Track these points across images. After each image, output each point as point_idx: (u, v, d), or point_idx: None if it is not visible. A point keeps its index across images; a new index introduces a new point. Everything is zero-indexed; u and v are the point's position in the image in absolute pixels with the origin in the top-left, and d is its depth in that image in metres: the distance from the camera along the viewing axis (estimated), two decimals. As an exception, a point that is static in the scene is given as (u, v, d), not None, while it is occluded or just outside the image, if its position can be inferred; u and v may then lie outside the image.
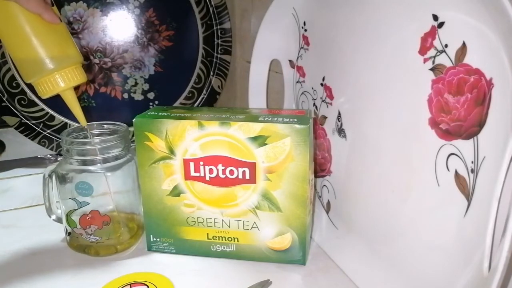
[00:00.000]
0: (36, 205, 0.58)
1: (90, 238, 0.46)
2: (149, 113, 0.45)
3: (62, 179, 0.45)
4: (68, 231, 0.47)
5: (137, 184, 0.47)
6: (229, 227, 0.45)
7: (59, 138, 0.63)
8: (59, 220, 0.49)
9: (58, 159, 0.71)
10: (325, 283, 0.43)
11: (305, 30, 0.51)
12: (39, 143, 0.72)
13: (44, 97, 0.43)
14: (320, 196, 0.52)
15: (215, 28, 0.80)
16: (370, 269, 0.41)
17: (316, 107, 0.50)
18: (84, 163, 0.45)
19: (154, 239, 0.48)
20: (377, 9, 0.37)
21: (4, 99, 0.69)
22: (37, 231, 0.52)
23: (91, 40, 0.74)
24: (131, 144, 0.48)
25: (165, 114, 0.45)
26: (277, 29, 0.56)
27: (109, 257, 0.47)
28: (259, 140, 0.42)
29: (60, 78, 0.42)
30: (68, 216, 0.46)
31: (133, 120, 0.44)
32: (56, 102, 0.73)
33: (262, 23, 0.57)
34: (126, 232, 0.48)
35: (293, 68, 0.55)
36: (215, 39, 0.80)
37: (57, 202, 0.48)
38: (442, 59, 0.31)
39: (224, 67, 0.82)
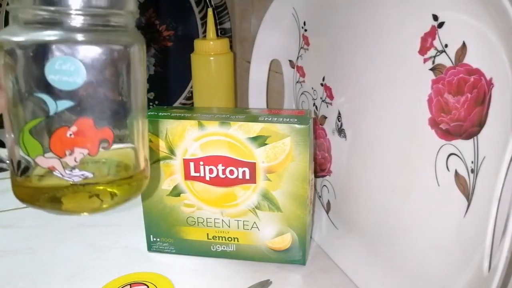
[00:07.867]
0: (36, 205, 0.58)
1: (71, 176, 0.25)
2: (149, 113, 0.45)
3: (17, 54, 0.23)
4: (21, 165, 0.26)
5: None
6: (229, 227, 0.45)
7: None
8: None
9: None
10: (325, 283, 0.43)
11: (305, 30, 0.51)
12: (39, 143, 0.72)
13: None
14: (320, 196, 0.52)
15: (215, 28, 0.80)
16: (370, 269, 0.41)
17: (316, 107, 0.50)
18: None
19: (154, 239, 0.48)
20: (377, 9, 0.37)
21: (4, 99, 0.69)
22: (37, 231, 0.52)
23: (91, 40, 0.73)
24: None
25: (165, 114, 0.45)
26: (277, 29, 0.56)
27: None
28: (259, 140, 0.42)
29: None
30: (24, 133, 0.25)
31: (133, 120, 0.44)
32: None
33: (262, 23, 0.57)
34: (124, 170, 0.28)
35: (293, 68, 0.55)
36: (215, 39, 0.80)
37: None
38: (442, 59, 0.31)
39: (224, 67, 0.82)
